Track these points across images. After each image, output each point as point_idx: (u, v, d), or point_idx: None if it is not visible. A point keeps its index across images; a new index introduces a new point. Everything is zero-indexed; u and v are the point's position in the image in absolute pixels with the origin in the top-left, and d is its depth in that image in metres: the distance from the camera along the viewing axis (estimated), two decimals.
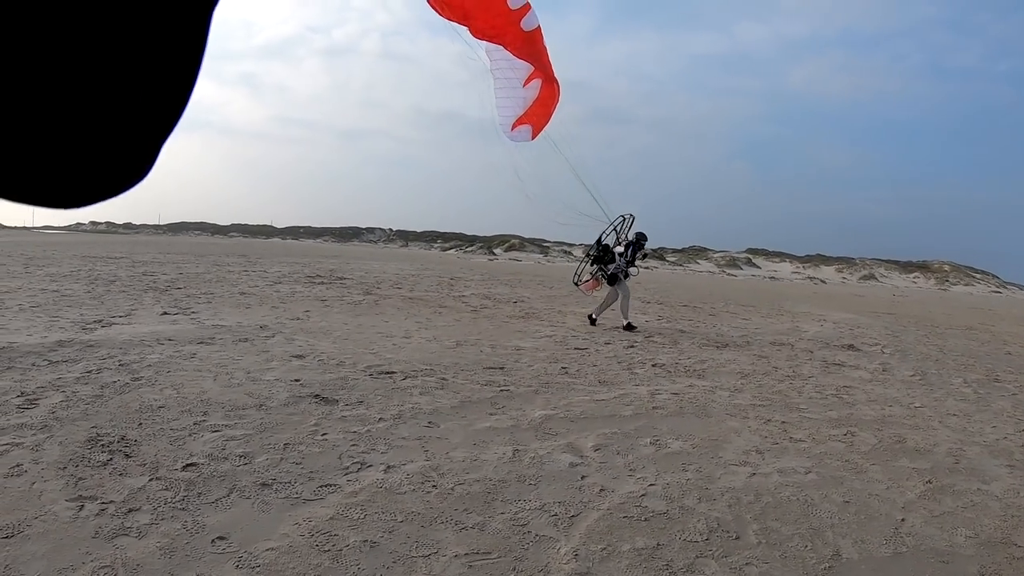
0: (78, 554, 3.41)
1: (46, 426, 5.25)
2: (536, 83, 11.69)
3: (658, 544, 4.10)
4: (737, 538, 4.30)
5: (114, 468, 4.54)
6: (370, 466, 4.86)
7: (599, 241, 14.88)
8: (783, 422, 7.31)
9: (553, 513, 4.39)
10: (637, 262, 14.97)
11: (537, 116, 11.99)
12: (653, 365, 10.16)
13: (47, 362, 7.23)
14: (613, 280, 14.62)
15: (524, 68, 11.42)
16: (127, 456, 4.76)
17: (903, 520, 4.82)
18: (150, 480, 4.37)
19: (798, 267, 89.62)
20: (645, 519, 4.45)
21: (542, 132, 12.39)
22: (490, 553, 3.74)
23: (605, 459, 5.58)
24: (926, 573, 4.05)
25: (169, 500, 4.08)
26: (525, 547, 3.87)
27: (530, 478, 4.98)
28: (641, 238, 14.87)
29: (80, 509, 3.90)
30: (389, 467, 4.86)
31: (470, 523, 4.08)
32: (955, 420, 8.12)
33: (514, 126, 12.01)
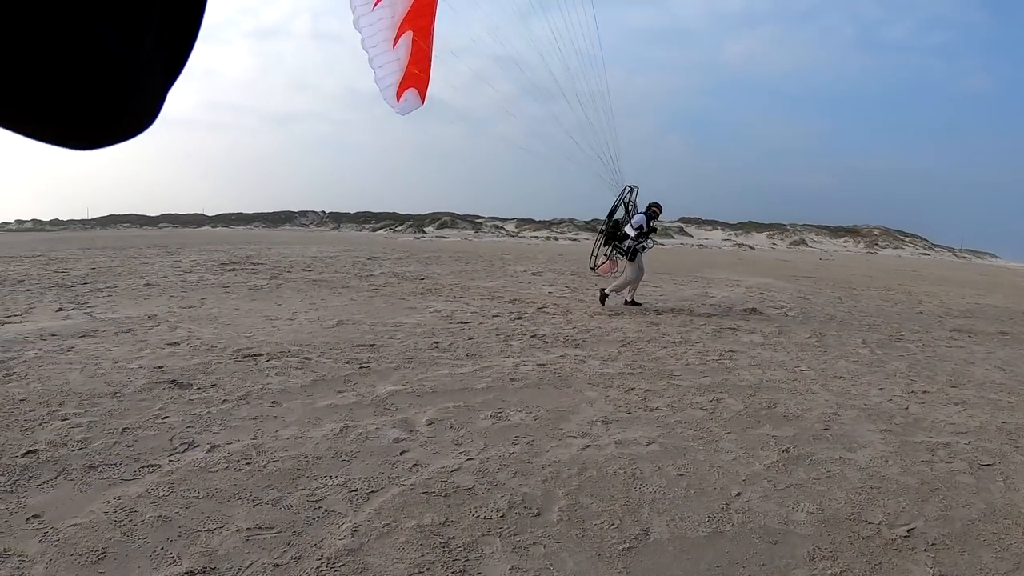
0: None
1: None
2: (406, 37, 10.38)
3: (446, 521, 4.17)
4: (537, 515, 4.33)
5: None
6: (197, 446, 5.30)
7: (610, 216, 14.41)
8: (647, 390, 7.41)
9: (353, 489, 4.58)
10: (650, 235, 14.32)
11: (416, 77, 10.86)
12: (532, 336, 10.46)
13: None
14: (634, 255, 14.01)
15: (386, 24, 10.11)
16: None
17: (738, 495, 4.73)
18: None
19: (729, 234, 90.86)
20: (445, 495, 4.55)
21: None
22: (272, 528, 4.00)
23: (434, 434, 5.76)
24: (744, 556, 3.93)
25: (1, 485, 4.54)
26: (309, 523, 4.09)
27: (347, 454, 5.21)
28: (655, 207, 14.21)
29: None
30: (213, 447, 5.29)
31: (266, 499, 4.37)
32: (840, 383, 8.15)
33: (398, 96, 10.90)
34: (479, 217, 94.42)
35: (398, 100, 10.91)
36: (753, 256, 52.26)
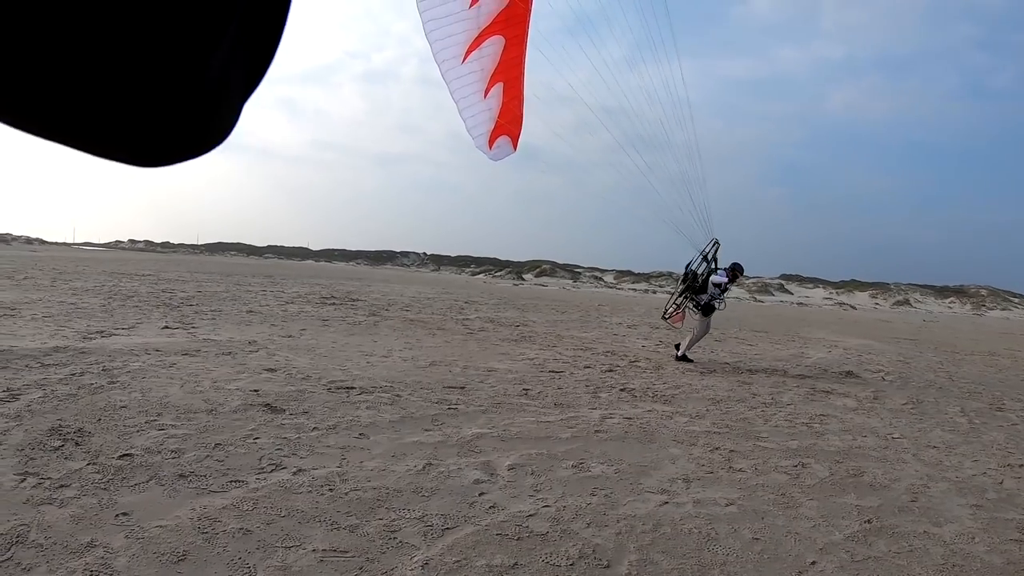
0: (6, 514, 4.13)
1: (19, 416, 6.00)
2: (498, 88, 10.80)
3: (516, 564, 4.14)
4: (607, 567, 4.24)
5: (62, 453, 5.24)
6: (284, 468, 5.42)
7: (688, 268, 14.19)
8: (731, 451, 7.21)
9: (429, 524, 4.59)
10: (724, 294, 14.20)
11: (509, 124, 11.22)
12: (622, 390, 10.30)
13: (39, 364, 7.96)
14: (709, 311, 13.97)
15: (476, 77, 10.46)
16: (77, 444, 5.46)
17: (813, 563, 4.55)
18: (88, 464, 5.06)
19: (831, 292, 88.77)
20: (518, 538, 4.51)
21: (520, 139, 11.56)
22: (347, 552, 4.07)
23: (514, 479, 5.70)
24: None
25: (96, 481, 4.75)
26: (383, 551, 4.13)
27: (427, 490, 5.23)
28: (737, 269, 14.14)
29: (22, 481, 4.64)
30: (299, 470, 5.41)
31: (344, 524, 4.47)
32: (932, 453, 7.77)
33: (491, 143, 11.25)
34: (578, 267, 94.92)
35: (490, 147, 11.22)
36: (854, 316, 50.71)
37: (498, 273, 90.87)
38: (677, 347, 14.43)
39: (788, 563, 4.54)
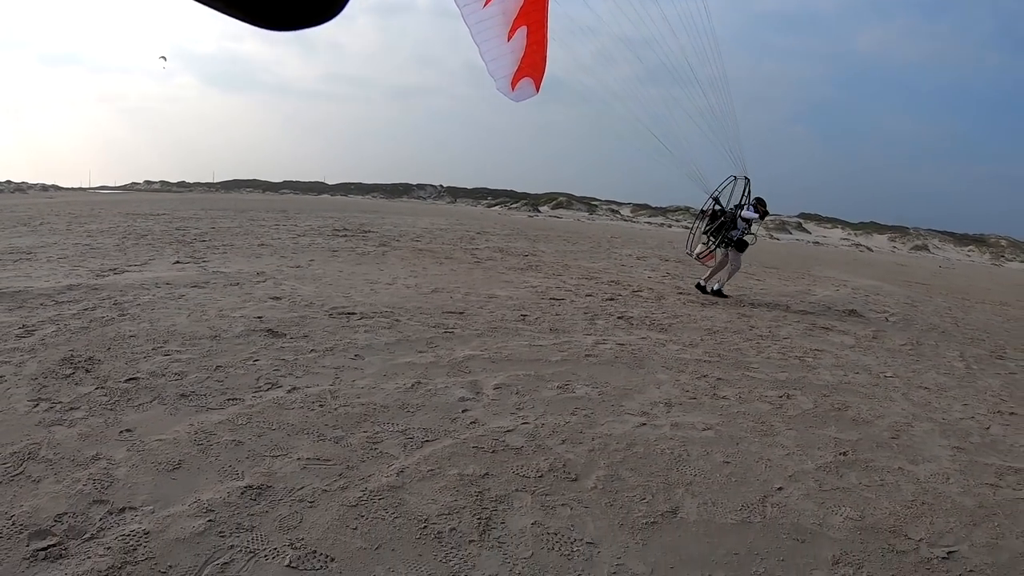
0: (19, 435, 4.48)
1: (32, 349, 6.34)
2: (522, 31, 10.70)
3: (486, 473, 4.43)
4: (574, 480, 4.50)
5: (73, 380, 5.60)
6: (279, 387, 5.78)
7: (717, 201, 13.96)
8: (718, 379, 7.39)
9: (410, 436, 4.92)
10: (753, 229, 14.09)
11: (532, 67, 11.21)
12: (619, 317, 10.51)
13: (53, 302, 8.30)
14: (742, 246, 13.85)
15: (499, 20, 10.43)
16: (87, 372, 5.82)
17: (779, 489, 4.69)
18: (96, 388, 5.42)
19: (849, 233, 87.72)
20: (493, 451, 4.80)
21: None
22: (329, 460, 4.41)
23: (498, 397, 5.98)
24: (765, 548, 3.92)
25: (104, 403, 5.13)
26: (363, 460, 4.46)
27: (412, 406, 5.56)
28: (761, 203, 13.90)
29: (35, 406, 4.99)
30: (294, 388, 5.76)
31: (330, 436, 4.81)
32: (922, 394, 7.80)
33: (513, 85, 11.22)
34: (595, 200, 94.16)
35: (512, 89, 11.22)
36: (869, 257, 49.89)
37: (514, 205, 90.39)
38: (699, 285, 14.50)
39: (754, 487, 4.69)
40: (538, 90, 11.58)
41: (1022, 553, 4.24)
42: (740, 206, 13.80)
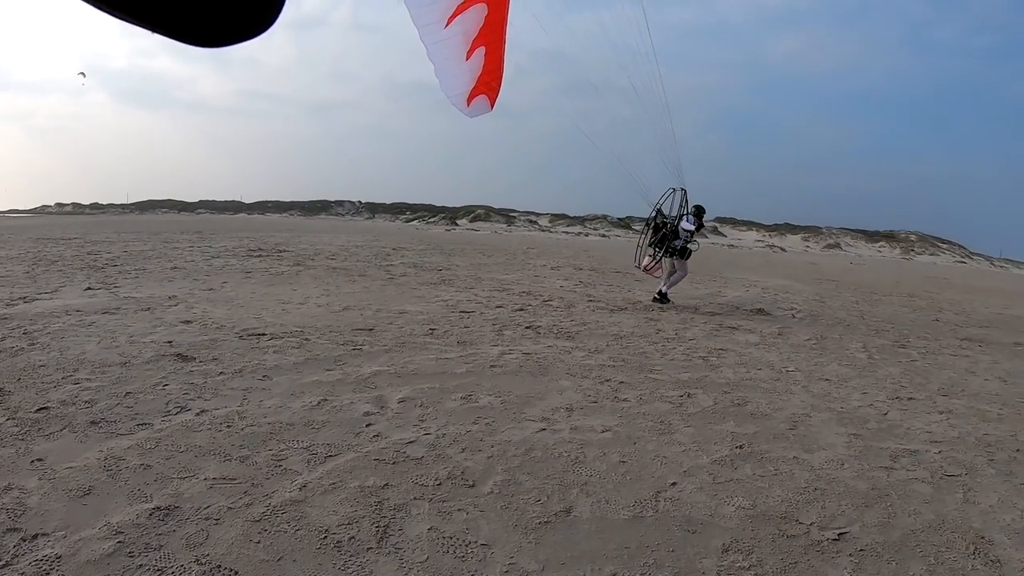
0: None
1: None
2: (480, 51, 10.85)
3: (386, 484, 4.61)
4: (471, 486, 4.68)
5: None
6: (188, 410, 5.99)
7: (659, 212, 14.50)
8: (621, 382, 7.61)
9: (314, 453, 5.10)
10: (695, 236, 14.69)
11: (488, 85, 11.41)
12: (527, 328, 10.80)
13: None
14: (685, 254, 14.51)
15: (459, 41, 10.55)
16: None
17: (673, 484, 4.88)
18: (7, 419, 5.55)
19: (763, 235, 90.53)
20: (394, 462, 4.99)
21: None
22: (235, 479, 4.57)
23: (403, 411, 6.18)
24: (656, 541, 4.09)
25: (14, 433, 5.28)
26: (268, 477, 4.64)
27: (317, 423, 5.75)
28: (700, 211, 14.57)
29: None
30: (202, 411, 5.97)
31: (236, 456, 5.01)
32: (823, 385, 8.11)
33: (469, 101, 11.48)
34: (513, 211, 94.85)
35: (468, 105, 11.47)
36: (782, 258, 51.49)
37: (431, 219, 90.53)
38: (659, 293, 15.08)
39: (648, 484, 4.89)
40: (493, 107, 11.87)
41: (913, 531, 4.47)
42: (680, 216, 14.33)
